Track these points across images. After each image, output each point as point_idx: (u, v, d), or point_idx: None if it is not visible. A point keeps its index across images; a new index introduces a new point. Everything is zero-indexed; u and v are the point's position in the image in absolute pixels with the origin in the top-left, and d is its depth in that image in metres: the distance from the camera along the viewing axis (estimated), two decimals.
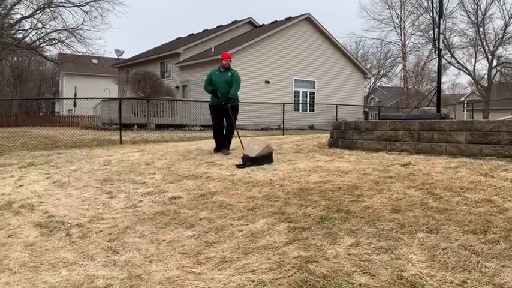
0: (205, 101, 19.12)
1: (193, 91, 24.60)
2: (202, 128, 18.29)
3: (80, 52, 29.48)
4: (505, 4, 42.77)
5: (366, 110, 32.52)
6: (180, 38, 33.72)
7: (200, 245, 3.37)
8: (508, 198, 3.65)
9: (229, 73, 7.64)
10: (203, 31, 31.30)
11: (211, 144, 9.82)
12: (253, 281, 2.62)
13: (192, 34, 32.31)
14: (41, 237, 3.90)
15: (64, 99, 36.44)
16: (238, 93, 7.79)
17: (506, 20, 36.92)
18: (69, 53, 30.22)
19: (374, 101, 48.75)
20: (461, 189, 4.00)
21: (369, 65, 45.68)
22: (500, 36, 37.27)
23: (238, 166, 6.17)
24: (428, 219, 3.33)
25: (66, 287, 2.78)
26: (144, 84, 20.32)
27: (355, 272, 2.61)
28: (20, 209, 4.85)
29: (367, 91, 46.58)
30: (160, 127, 17.35)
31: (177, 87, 25.73)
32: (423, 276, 2.46)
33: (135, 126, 18.22)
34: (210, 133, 14.95)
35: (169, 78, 26.41)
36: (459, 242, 2.87)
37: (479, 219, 3.23)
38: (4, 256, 3.42)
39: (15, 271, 3.10)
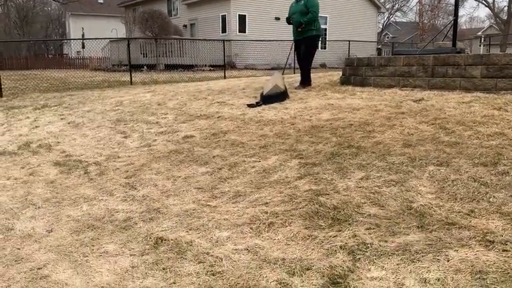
0: (214, 40, 18.83)
1: (201, 30, 24.07)
2: (212, 68, 18.09)
3: None
4: None
5: (380, 46, 31.64)
6: None
7: (214, 180, 3.47)
8: None
9: (302, 1, 7.07)
10: None
11: (222, 83, 9.76)
12: (267, 213, 2.73)
13: None
14: (61, 175, 4.04)
15: (72, 41, 35.94)
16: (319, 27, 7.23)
17: None
18: None
19: (388, 37, 47.24)
20: (474, 123, 3.98)
21: None
22: None
23: (249, 105, 6.17)
24: (439, 153, 3.36)
25: (88, 220, 2.93)
26: (151, 24, 19.87)
27: (365, 203, 2.69)
28: (38, 148, 4.99)
29: (381, 27, 45.01)
30: (169, 68, 17.20)
31: (185, 25, 25.15)
32: (432, 207, 2.53)
33: (145, 67, 18.08)
34: (220, 73, 14.86)
35: (177, 16, 25.75)
36: (469, 174, 2.91)
37: (490, 152, 3.24)
38: (27, 193, 3.58)
39: (39, 206, 3.26)
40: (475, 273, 1.86)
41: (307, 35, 7.07)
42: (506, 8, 37.85)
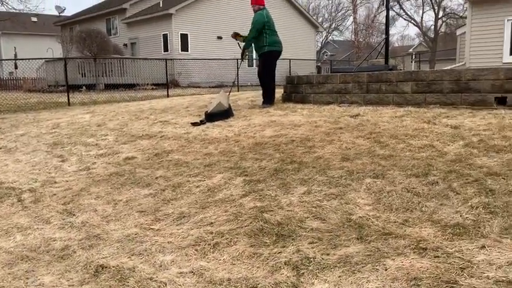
0: (156, 59, 18.62)
1: (142, 48, 23.75)
2: (155, 87, 17.83)
3: (16, 9, 27.32)
4: None
5: (319, 64, 32.80)
6: None
7: (157, 202, 3.41)
8: (447, 143, 3.91)
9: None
10: None
11: (165, 102, 9.66)
12: (212, 233, 2.71)
13: None
14: None
15: (3, 61, 34.02)
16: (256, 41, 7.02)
17: None
18: (4, 10, 27.96)
19: (326, 55, 49.10)
20: (406, 136, 4.23)
21: (321, 19, 45.59)
22: None
23: (194, 124, 6.15)
24: (375, 165, 3.53)
25: (22, 251, 2.76)
26: (89, 43, 19.32)
27: (307, 218, 2.76)
28: None
29: (320, 45, 46.75)
30: (110, 87, 16.74)
31: (125, 44, 24.70)
32: (369, 218, 2.64)
33: (83, 87, 17.47)
34: (163, 91, 14.68)
35: (117, 35, 25.25)
36: (403, 185, 3.08)
37: (421, 163, 3.45)
38: None
39: None
40: (410, 280, 1.96)
41: (260, 52, 7.03)
42: (433, 27, 40.77)
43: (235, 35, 7.52)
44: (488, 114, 4.72)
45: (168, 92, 14.11)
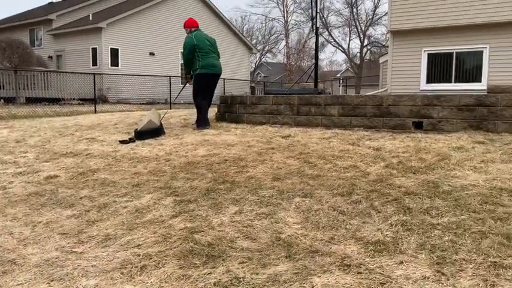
0: (83, 73, 17.89)
1: (69, 62, 22.74)
2: (82, 102, 17.08)
3: None
4: None
5: (253, 85, 33.43)
6: (52, 2, 30.56)
7: (81, 224, 3.23)
8: (370, 163, 4.14)
9: None
10: None
11: (92, 118, 9.29)
12: (139, 255, 2.62)
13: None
14: None
15: None
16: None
17: (376, 2, 40.60)
18: None
19: (260, 76, 50.21)
20: (333, 157, 4.42)
21: (255, 41, 46.70)
22: (370, 17, 40.92)
23: (122, 142, 5.96)
24: (304, 185, 3.64)
25: None
26: (10, 53, 18.15)
27: (238, 237, 2.77)
28: None
29: (254, 66, 47.77)
30: (32, 101, 15.75)
31: (50, 57, 23.52)
32: (298, 236, 2.71)
33: (1, 100, 16.28)
34: (91, 107, 14.09)
35: (41, 47, 23.98)
36: (329, 204, 3.20)
37: (346, 183, 3.63)
38: None
39: None
40: None
41: (193, 73, 6.88)
42: (358, 54, 43.36)
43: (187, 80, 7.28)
44: (407, 138, 5.08)
45: (95, 108, 13.58)
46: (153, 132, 6.18)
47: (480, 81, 11.96)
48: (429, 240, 2.55)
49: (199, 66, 6.71)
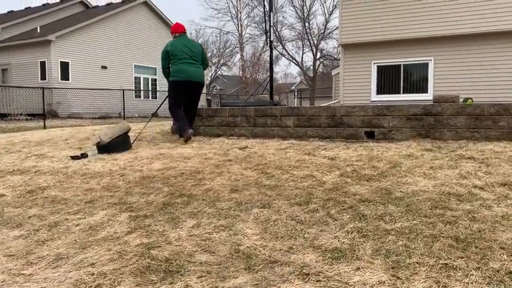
0: (31, 87, 17.16)
1: (16, 76, 21.76)
2: (30, 118, 16.34)
3: None
4: (325, 2, 48.35)
5: (209, 97, 33.35)
6: None
7: (30, 244, 3.07)
8: (325, 173, 4.23)
9: None
10: (26, 8, 27.77)
11: (42, 134, 8.92)
12: (93, 274, 2.52)
13: (12, 11, 28.38)
14: None
15: None
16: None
17: (327, 16, 41.87)
18: None
19: (216, 89, 50.22)
20: (290, 167, 4.47)
21: (210, 54, 46.75)
22: (322, 31, 42.12)
23: (73, 157, 5.74)
24: (262, 196, 3.66)
25: None
26: None
27: (196, 251, 2.72)
28: None
29: (210, 79, 47.70)
30: None
31: None
32: (257, 248, 2.71)
33: None
34: (40, 122, 13.50)
35: None
36: (287, 213, 3.23)
37: (303, 192, 3.67)
38: None
39: None
40: None
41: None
42: (312, 67, 44.42)
43: None
44: (360, 147, 5.24)
45: (45, 123, 13.04)
46: (119, 144, 5.97)
47: (427, 92, 12.58)
48: (384, 245, 2.62)
49: (171, 73, 6.58)
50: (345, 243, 2.70)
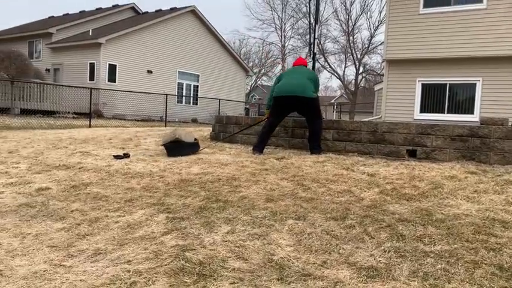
0: (80, 87, 17.94)
1: (66, 75, 22.80)
2: (76, 116, 17.04)
3: None
4: (371, 17, 47.82)
5: (247, 106, 33.63)
6: (52, 16, 30.87)
7: (71, 237, 3.19)
8: (364, 189, 4.15)
9: None
10: (80, 12, 29.11)
11: (87, 132, 9.28)
12: (129, 271, 2.58)
13: (68, 14, 29.85)
14: None
15: None
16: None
17: (372, 31, 41.32)
18: None
19: (255, 98, 50.56)
20: (327, 181, 4.43)
21: (251, 64, 47.22)
22: (366, 46, 41.60)
23: (116, 157, 5.93)
24: (297, 207, 3.64)
25: None
26: (8, 64, 18.18)
27: (230, 257, 2.74)
28: None
29: (249, 88, 48.15)
30: (26, 112, 15.70)
31: (48, 70, 23.58)
32: (290, 259, 2.69)
33: None
34: (85, 121, 14.06)
35: (39, 59, 24.07)
36: (322, 227, 3.19)
37: (340, 207, 3.62)
38: None
39: None
40: None
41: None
42: (353, 81, 43.91)
43: None
44: (401, 165, 5.12)
45: (90, 122, 13.56)
46: (189, 146, 6.15)
47: (473, 113, 12.14)
48: (422, 267, 2.54)
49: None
50: (381, 262, 2.64)
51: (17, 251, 2.95)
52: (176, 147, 6.03)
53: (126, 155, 5.98)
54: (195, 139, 6.41)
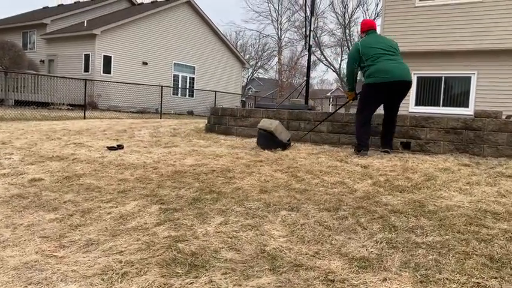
0: (75, 78, 17.81)
1: (61, 67, 22.62)
2: (71, 108, 16.94)
3: None
4: (367, 10, 47.73)
5: (244, 99, 33.56)
6: (47, 7, 30.54)
7: (63, 228, 3.18)
8: (357, 180, 4.16)
9: None
10: (75, 3, 28.84)
11: (81, 124, 9.22)
12: (121, 262, 2.58)
13: (62, 5, 29.54)
14: None
15: None
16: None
17: None
18: None
19: (251, 91, 50.45)
20: (320, 172, 4.43)
21: (248, 56, 47.05)
22: None
23: (110, 148, 5.91)
24: (290, 198, 3.64)
25: None
26: (1, 55, 18.03)
27: (222, 248, 2.74)
28: None
29: (245, 81, 48.00)
30: (20, 104, 15.58)
31: (42, 61, 23.38)
32: (283, 250, 2.70)
33: None
34: (80, 113, 13.97)
35: (33, 50, 23.85)
36: (315, 218, 3.20)
37: (333, 198, 3.63)
38: None
39: None
40: None
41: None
42: None
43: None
44: (395, 157, 5.12)
45: (85, 114, 13.49)
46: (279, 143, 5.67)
47: (467, 106, 12.17)
48: (413, 258, 2.55)
49: (367, 76, 5.31)
50: (373, 252, 2.65)
51: (8, 241, 2.94)
52: (270, 140, 5.60)
53: (120, 147, 5.96)
54: (289, 140, 5.86)
